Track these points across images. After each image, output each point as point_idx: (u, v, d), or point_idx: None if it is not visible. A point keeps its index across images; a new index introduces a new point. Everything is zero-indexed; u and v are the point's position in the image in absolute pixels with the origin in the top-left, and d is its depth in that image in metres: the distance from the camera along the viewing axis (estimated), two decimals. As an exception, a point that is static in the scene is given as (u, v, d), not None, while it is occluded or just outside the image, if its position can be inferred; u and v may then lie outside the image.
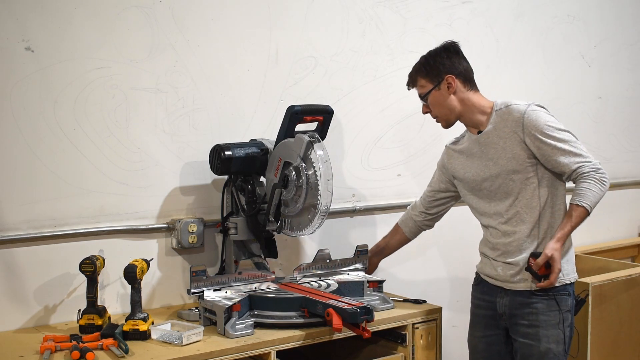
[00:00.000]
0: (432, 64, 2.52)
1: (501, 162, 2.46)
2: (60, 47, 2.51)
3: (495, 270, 2.54)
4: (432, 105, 2.54)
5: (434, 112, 2.56)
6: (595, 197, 2.38)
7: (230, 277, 2.57)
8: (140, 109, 2.68)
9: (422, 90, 2.55)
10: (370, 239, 3.00)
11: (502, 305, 2.52)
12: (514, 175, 2.45)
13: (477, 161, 2.53)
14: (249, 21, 2.90)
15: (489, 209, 2.54)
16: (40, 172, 2.51)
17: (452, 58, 2.52)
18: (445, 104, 2.52)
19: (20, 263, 2.50)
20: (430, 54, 2.56)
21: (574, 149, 2.41)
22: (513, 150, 2.44)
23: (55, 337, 2.29)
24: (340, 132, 3.10)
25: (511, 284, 2.49)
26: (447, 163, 2.68)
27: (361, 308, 2.33)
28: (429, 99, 2.53)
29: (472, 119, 2.54)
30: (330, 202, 2.49)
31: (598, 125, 4.15)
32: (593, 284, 3.23)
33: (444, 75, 2.50)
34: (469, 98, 2.52)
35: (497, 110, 2.49)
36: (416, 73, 2.56)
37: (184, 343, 2.24)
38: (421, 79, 2.54)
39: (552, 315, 2.44)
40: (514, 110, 2.45)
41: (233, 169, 2.65)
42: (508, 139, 2.45)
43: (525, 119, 2.41)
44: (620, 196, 4.26)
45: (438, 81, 2.50)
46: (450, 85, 2.50)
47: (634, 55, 4.28)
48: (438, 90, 2.51)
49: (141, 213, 2.71)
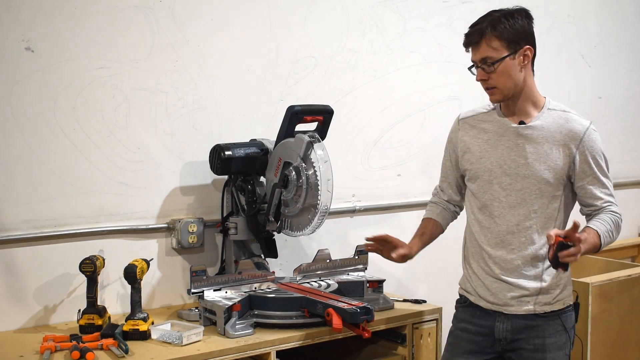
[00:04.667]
0: (513, 25, 2.17)
1: (536, 166, 2.21)
2: (60, 47, 2.51)
3: (488, 290, 2.29)
4: (498, 74, 2.18)
5: (494, 81, 2.20)
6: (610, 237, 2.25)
7: (230, 277, 2.57)
8: (140, 109, 2.68)
9: (492, 54, 2.17)
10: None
11: (502, 331, 2.28)
12: (544, 186, 2.22)
13: (506, 152, 2.25)
14: (249, 21, 2.90)
15: (496, 208, 2.27)
16: (40, 172, 2.51)
17: (532, 27, 2.22)
18: (514, 78, 2.19)
19: (20, 263, 2.50)
20: (508, 12, 2.19)
21: (611, 188, 2.29)
22: (556, 161, 2.21)
23: (55, 337, 2.29)
24: (340, 132, 3.10)
25: (511, 307, 2.26)
26: (458, 139, 2.38)
27: (361, 308, 2.33)
28: (499, 67, 2.17)
29: (523, 104, 2.25)
30: (330, 202, 2.49)
31: (598, 125, 4.09)
32: (593, 284, 3.23)
33: (523, 44, 2.18)
34: (531, 81, 2.25)
35: (550, 109, 2.26)
36: (491, 30, 2.17)
37: (184, 343, 2.24)
38: (495, 40, 2.16)
39: (559, 336, 2.26)
40: (574, 120, 2.24)
41: (233, 169, 2.65)
42: (555, 147, 2.22)
43: (587, 136, 2.22)
44: (620, 196, 4.21)
45: (515, 49, 2.17)
46: (526, 58, 2.19)
47: (634, 55, 4.28)
48: (512, 59, 2.17)
49: (141, 213, 2.71)
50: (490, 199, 2.28)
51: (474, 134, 2.34)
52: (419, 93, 3.37)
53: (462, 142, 2.37)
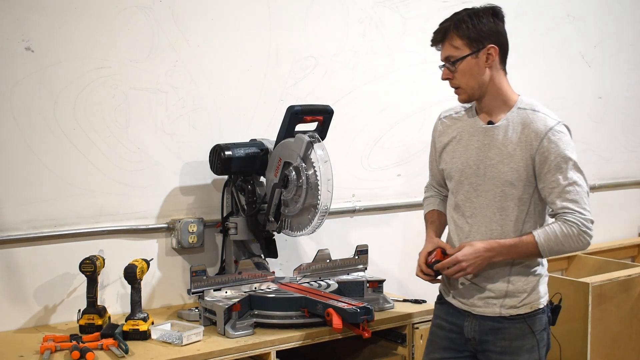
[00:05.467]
0: (476, 24, 2.13)
1: (500, 168, 2.16)
2: (60, 47, 2.51)
3: (458, 289, 2.26)
4: (460, 73, 2.15)
5: (457, 81, 2.18)
6: (557, 246, 2.10)
7: (230, 277, 2.57)
8: (140, 109, 2.68)
9: (454, 53, 2.15)
10: (370, 239, 3.00)
11: (470, 330, 2.24)
12: (507, 189, 2.16)
13: (475, 152, 2.21)
14: (249, 21, 2.90)
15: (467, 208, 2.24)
16: (40, 172, 2.51)
17: (498, 25, 2.16)
18: (477, 77, 2.15)
19: (20, 263, 2.50)
20: (474, 12, 2.15)
21: (575, 194, 2.10)
22: (519, 162, 2.14)
23: (55, 337, 2.29)
24: (340, 132, 3.10)
25: (478, 308, 2.23)
26: (436, 137, 2.35)
27: (361, 308, 2.33)
28: (460, 65, 2.14)
29: (491, 103, 2.20)
30: (330, 202, 2.49)
31: (598, 125, 4.15)
32: (593, 284, 3.23)
33: (487, 43, 2.13)
34: (500, 79, 2.18)
35: (519, 108, 2.17)
36: (454, 29, 2.15)
37: (184, 343, 2.24)
38: (457, 39, 2.14)
39: (526, 339, 2.19)
40: (539, 120, 2.13)
41: (233, 169, 2.65)
42: (519, 147, 2.14)
43: (548, 137, 2.11)
44: (620, 196, 4.26)
45: (478, 48, 2.13)
46: (490, 57, 2.13)
47: (634, 55, 4.28)
48: (475, 58, 2.13)
49: (141, 213, 2.71)
50: (463, 199, 2.25)
51: (450, 133, 2.30)
52: (419, 93, 3.37)
53: (439, 141, 2.34)
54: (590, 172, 4.09)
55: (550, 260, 3.80)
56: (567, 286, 3.28)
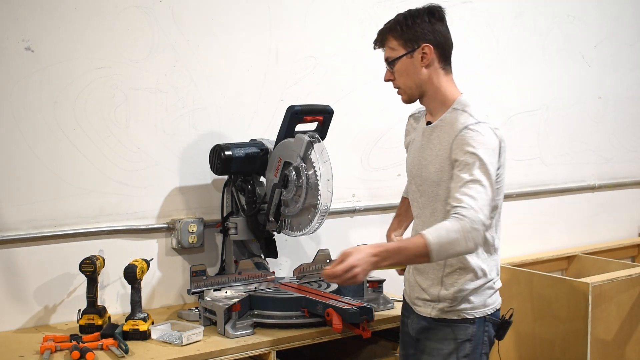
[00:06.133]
0: (410, 25, 2.14)
1: (430, 168, 2.15)
2: (60, 47, 2.51)
3: (406, 287, 2.31)
4: (398, 73, 2.18)
5: (397, 82, 2.20)
6: (449, 244, 1.92)
7: (230, 277, 2.57)
8: (140, 109, 2.68)
9: (390, 54, 2.18)
10: (370, 239, 2.99)
11: (411, 328, 2.27)
12: (435, 189, 2.14)
13: (418, 153, 2.22)
14: (249, 21, 2.90)
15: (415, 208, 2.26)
16: (40, 172, 2.51)
17: (435, 25, 2.14)
18: (414, 77, 2.16)
19: (20, 263, 2.50)
20: (410, 13, 2.16)
21: (475, 192, 1.96)
22: (442, 163, 2.10)
23: (55, 337, 2.29)
24: (340, 132, 3.10)
25: (418, 307, 2.24)
26: (405, 138, 2.38)
27: (361, 308, 2.33)
28: (396, 66, 2.17)
29: (431, 104, 2.19)
30: (330, 202, 2.49)
31: (598, 125, 4.15)
32: (593, 284, 3.23)
33: (421, 42, 2.12)
34: (439, 78, 2.16)
35: (454, 109, 2.14)
36: (389, 31, 2.18)
37: (184, 343, 2.24)
38: (393, 40, 2.17)
39: (446, 344, 2.14)
40: (461, 119, 2.08)
41: (233, 169, 2.65)
42: (442, 148, 2.11)
43: (462, 134, 2.05)
44: (620, 196, 4.26)
45: (413, 47, 2.13)
46: (425, 56, 2.13)
47: (634, 55, 4.28)
48: (410, 58, 2.14)
49: (141, 213, 2.71)
50: (411, 198, 2.29)
51: (412, 133, 2.34)
52: (419, 93, 3.36)
53: (406, 141, 2.39)
54: (590, 172, 4.12)
55: (551, 260, 3.82)
56: (567, 286, 3.28)
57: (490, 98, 3.65)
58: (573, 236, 4.05)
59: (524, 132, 3.80)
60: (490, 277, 2.17)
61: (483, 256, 2.16)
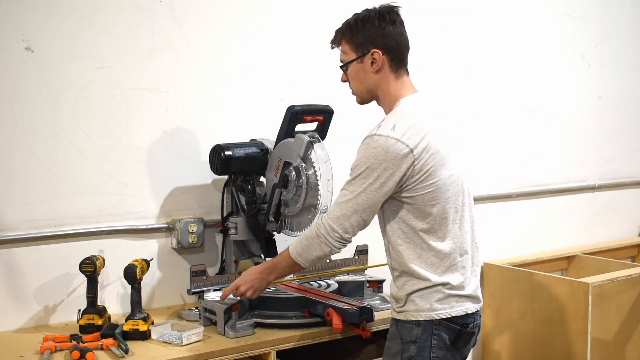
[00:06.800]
0: (359, 29, 2.10)
1: None
2: (60, 47, 2.51)
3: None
4: (350, 77, 2.16)
5: (350, 85, 2.19)
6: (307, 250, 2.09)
7: (230, 277, 2.57)
8: (140, 109, 2.68)
9: (343, 57, 2.15)
10: (370, 239, 2.99)
11: None
12: None
13: None
14: (249, 21, 2.90)
15: None
16: (40, 172, 2.51)
17: (386, 29, 2.08)
18: (364, 81, 2.13)
19: (20, 263, 2.50)
20: (360, 16, 2.12)
21: (341, 198, 2.06)
22: None
23: (55, 337, 2.29)
24: (340, 132, 3.09)
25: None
26: None
27: (361, 308, 2.34)
28: (348, 70, 2.14)
29: (383, 107, 2.17)
30: (330, 202, 2.49)
31: (598, 125, 4.15)
32: (593, 284, 3.23)
33: (370, 48, 2.08)
34: (389, 84, 2.12)
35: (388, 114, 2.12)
36: (342, 35, 2.15)
37: (184, 343, 2.24)
38: (345, 44, 2.13)
39: (394, 343, 2.14)
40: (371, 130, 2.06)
41: (233, 169, 2.65)
42: None
43: (359, 146, 2.07)
44: (620, 196, 4.26)
45: (362, 52, 2.10)
46: (375, 62, 2.09)
47: (634, 55, 4.28)
48: (360, 63, 2.11)
49: (141, 213, 2.71)
50: None
51: None
52: (419, 93, 3.36)
53: None
54: (590, 172, 4.12)
55: (551, 260, 3.82)
56: (567, 286, 3.28)
57: (490, 98, 3.65)
58: (573, 236, 4.05)
59: (524, 132, 3.80)
60: (436, 281, 2.08)
61: (429, 261, 2.08)
